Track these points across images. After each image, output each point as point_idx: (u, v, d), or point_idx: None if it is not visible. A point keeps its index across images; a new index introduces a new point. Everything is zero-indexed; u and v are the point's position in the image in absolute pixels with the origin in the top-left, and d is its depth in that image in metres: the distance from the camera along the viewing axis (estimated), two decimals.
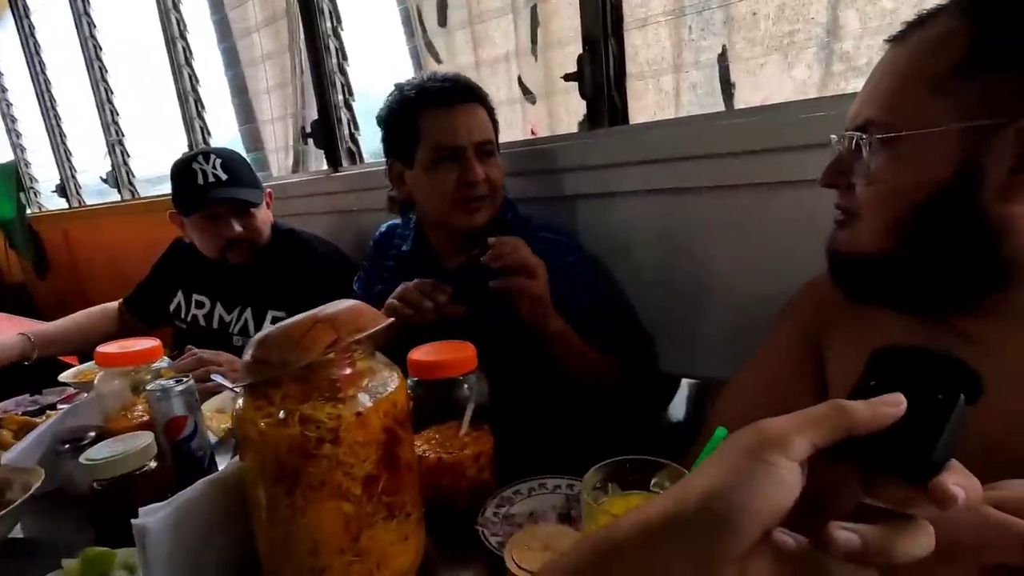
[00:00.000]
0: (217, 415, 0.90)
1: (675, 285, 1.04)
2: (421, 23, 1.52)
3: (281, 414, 0.49)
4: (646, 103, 1.17)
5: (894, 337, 0.55)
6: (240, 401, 0.52)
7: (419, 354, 0.66)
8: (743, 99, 1.05)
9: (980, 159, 0.45)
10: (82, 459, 0.64)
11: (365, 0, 1.69)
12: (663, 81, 1.14)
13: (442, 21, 1.47)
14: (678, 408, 1.22)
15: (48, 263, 3.21)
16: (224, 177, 1.22)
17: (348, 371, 0.52)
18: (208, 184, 1.21)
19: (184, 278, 1.42)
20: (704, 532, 0.26)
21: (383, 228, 1.19)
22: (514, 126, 1.41)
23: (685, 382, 1.11)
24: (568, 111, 1.29)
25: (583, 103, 1.14)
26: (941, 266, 0.49)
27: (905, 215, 0.49)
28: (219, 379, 0.96)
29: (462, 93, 0.97)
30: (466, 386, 0.67)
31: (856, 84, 0.92)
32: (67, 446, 0.77)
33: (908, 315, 0.54)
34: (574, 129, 1.26)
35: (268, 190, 1.32)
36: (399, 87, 1.01)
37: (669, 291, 1.05)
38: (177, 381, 0.74)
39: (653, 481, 0.51)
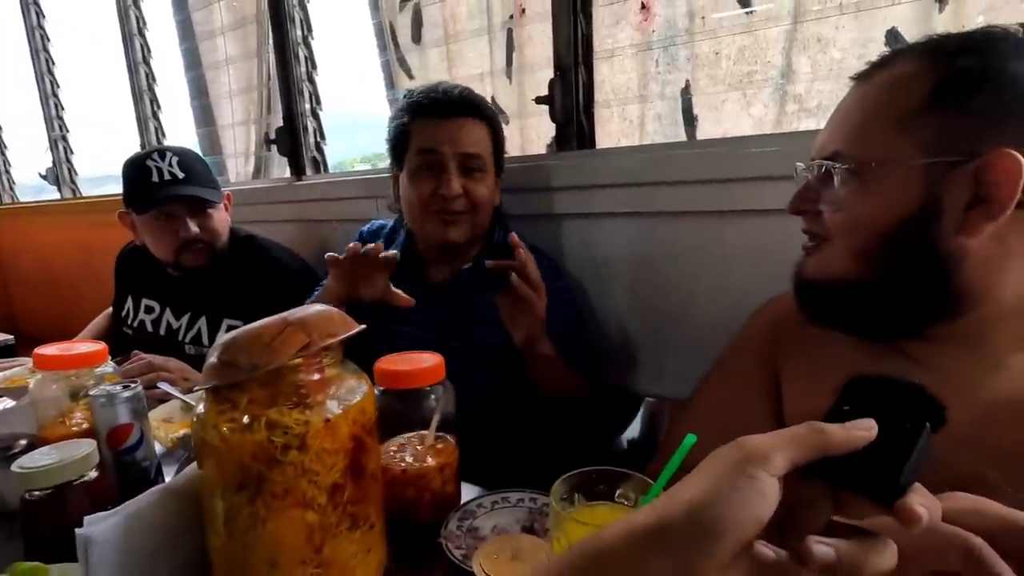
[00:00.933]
0: (164, 424, 0.85)
1: (637, 306, 1.07)
2: (394, 38, 1.53)
3: (246, 419, 0.47)
4: (611, 130, 1.22)
5: (845, 358, 0.58)
6: (201, 406, 0.50)
7: (387, 363, 0.66)
8: (706, 132, 1.11)
9: (940, 193, 0.48)
10: (14, 467, 0.59)
11: (338, 12, 1.69)
12: (628, 110, 1.19)
13: (416, 38, 1.49)
14: (632, 426, 1.25)
15: None
16: (181, 175, 1.17)
17: (317, 377, 0.51)
18: (164, 182, 1.16)
19: (133, 282, 1.35)
20: (690, 540, 0.27)
21: (372, 226, 1.17)
22: None
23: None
24: (538, 134, 1.32)
25: (553, 126, 1.17)
26: (900, 294, 0.52)
27: (872, 242, 0.51)
28: (166, 387, 0.92)
29: (457, 106, 0.96)
30: (433, 397, 0.67)
31: (808, 124, 1.00)
32: None
33: (859, 337, 0.57)
34: (543, 151, 1.29)
35: (227, 192, 1.28)
36: (408, 93, 1.01)
37: (631, 312, 1.08)
38: (124, 387, 0.71)
39: (618, 492, 0.52)
